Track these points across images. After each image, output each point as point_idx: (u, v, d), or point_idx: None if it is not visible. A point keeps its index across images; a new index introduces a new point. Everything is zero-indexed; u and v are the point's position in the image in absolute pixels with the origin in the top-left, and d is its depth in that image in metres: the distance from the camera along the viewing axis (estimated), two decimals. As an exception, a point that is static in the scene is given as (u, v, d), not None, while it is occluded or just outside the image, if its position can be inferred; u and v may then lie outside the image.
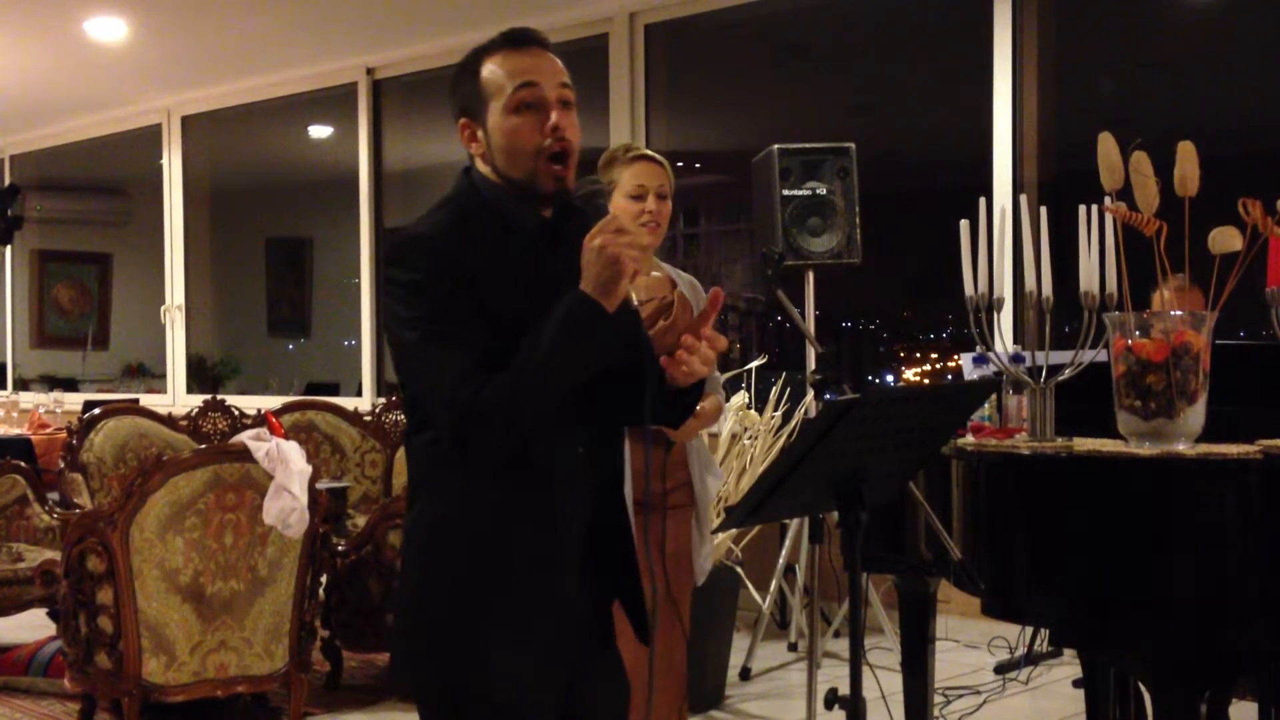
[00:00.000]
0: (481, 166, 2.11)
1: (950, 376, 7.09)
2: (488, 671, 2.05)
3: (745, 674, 5.21)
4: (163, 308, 9.59)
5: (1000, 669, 5.17)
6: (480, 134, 2.09)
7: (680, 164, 7.70)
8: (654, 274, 3.30)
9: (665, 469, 3.20)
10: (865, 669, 2.25)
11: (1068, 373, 2.77)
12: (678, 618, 3.19)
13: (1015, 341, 5.22)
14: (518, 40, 2.07)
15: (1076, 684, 4.75)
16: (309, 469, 4.32)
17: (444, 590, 2.06)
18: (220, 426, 6.55)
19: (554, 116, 2.03)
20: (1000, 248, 2.93)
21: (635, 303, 2.02)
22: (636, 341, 2.07)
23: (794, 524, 5.44)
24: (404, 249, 2.03)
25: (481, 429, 1.95)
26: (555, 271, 2.05)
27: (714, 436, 4.98)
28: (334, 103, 8.53)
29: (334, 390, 8.96)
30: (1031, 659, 5.19)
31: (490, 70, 2.06)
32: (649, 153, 3.23)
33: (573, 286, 2.00)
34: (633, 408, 2.07)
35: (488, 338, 1.98)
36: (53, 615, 5.09)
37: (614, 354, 2.01)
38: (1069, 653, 5.21)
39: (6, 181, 10.63)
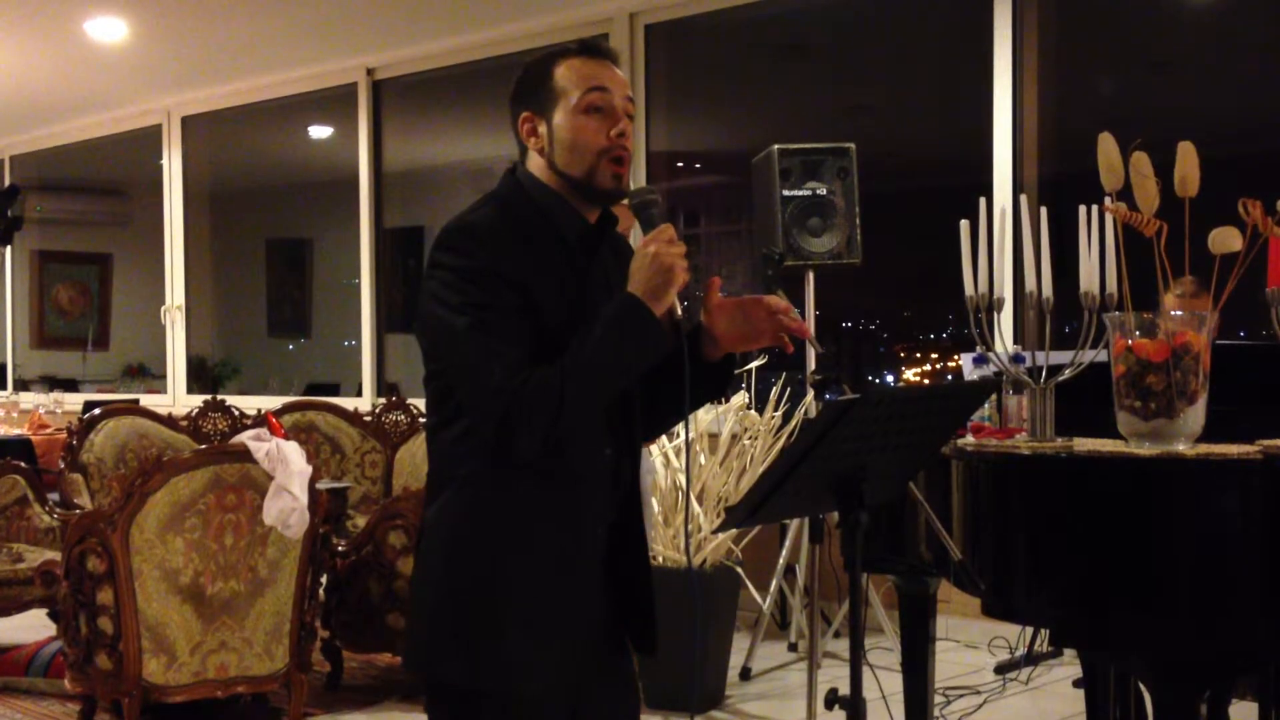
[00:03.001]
0: (534, 162, 2.15)
1: (950, 376, 7.09)
2: (504, 671, 2.06)
3: (745, 674, 5.21)
4: (163, 308, 9.59)
5: (1000, 669, 5.17)
6: (542, 129, 2.13)
7: (680, 164, 7.70)
8: None
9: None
10: (865, 669, 2.25)
11: (1068, 373, 2.77)
12: None
13: (1015, 341, 5.22)
14: (594, 50, 2.16)
15: (1076, 684, 4.75)
16: (309, 469, 4.32)
17: (464, 587, 2.07)
18: (220, 427, 6.55)
19: (620, 122, 2.11)
20: (1000, 248, 2.93)
21: (679, 311, 2.07)
22: (679, 348, 2.10)
23: (794, 524, 5.44)
24: (456, 236, 2.06)
25: (528, 419, 1.97)
26: (589, 276, 2.12)
27: (714, 436, 4.98)
28: (334, 103, 8.53)
29: (334, 391, 8.96)
30: (1031, 659, 5.19)
31: (564, 72, 2.12)
32: None
33: (605, 292, 2.08)
34: (658, 411, 2.18)
35: (532, 334, 2.02)
36: (53, 615, 5.09)
37: (659, 357, 2.06)
38: (1069, 653, 5.21)
39: (6, 181, 10.62)
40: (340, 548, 4.86)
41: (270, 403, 7.37)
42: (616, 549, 2.17)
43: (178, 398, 9.44)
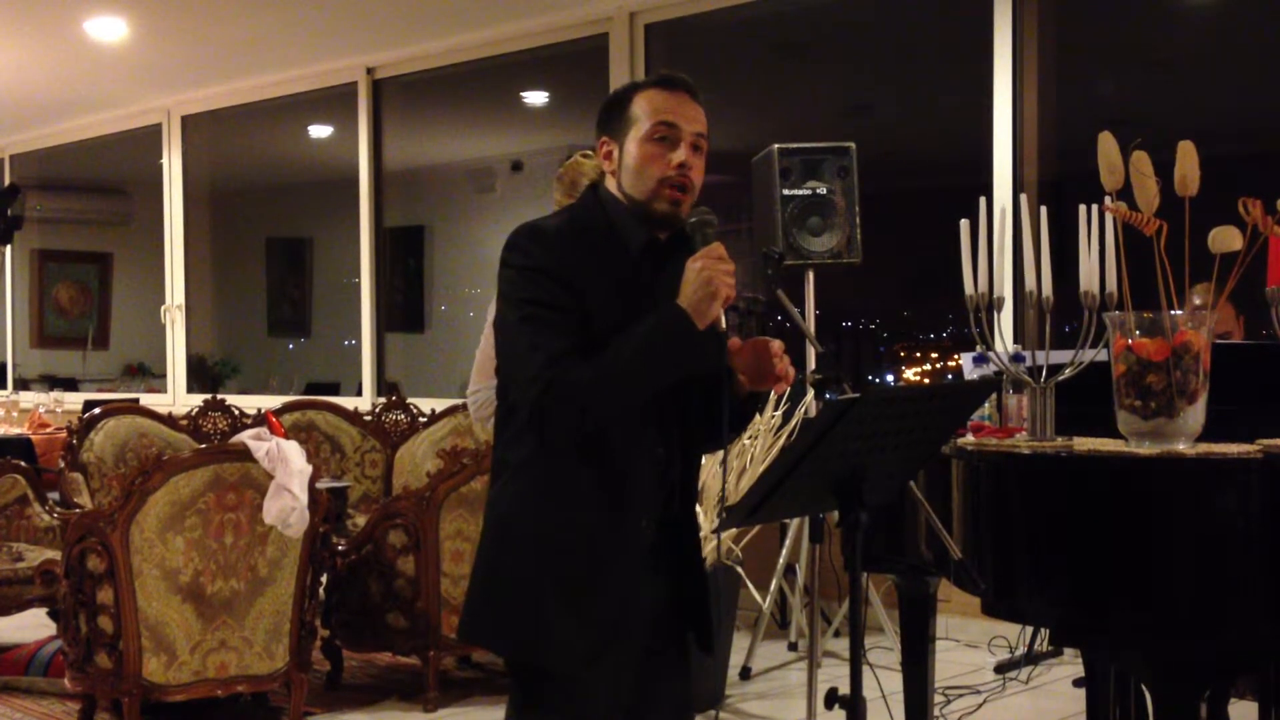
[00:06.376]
0: (609, 182, 2.32)
1: (950, 376, 7.09)
2: (547, 648, 2.18)
3: (745, 673, 5.21)
4: (163, 308, 9.58)
5: (1000, 668, 5.17)
6: (615, 153, 2.30)
7: (680, 163, 7.65)
8: None
9: None
10: (865, 669, 2.25)
11: (1068, 372, 2.77)
12: None
13: (1015, 341, 5.22)
14: (670, 83, 2.32)
15: (1077, 684, 4.75)
16: (309, 468, 4.32)
17: (506, 566, 2.23)
18: (220, 426, 6.55)
19: (682, 152, 2.25)
20: (1000, 247, 2.93)
21: (723, 326, 2.18)
22: (718, 361, 2.23)
23: (794, 524, 5.44)
24: (521, 237, 2.24)
25: (559, 407, 2.13)
26: (652, 289, 2.23)
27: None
28: (334, 103, 8.53)
29: (334, 390, 8.96)
30: (1031, 658, 5.19)
31: (640, 102, 2.29)
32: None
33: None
34: (709, 424, 2.28)
35: (581, 333, 2.15)
36: (53, 615, 5.09)
37: (695, 367, 2.19)
38: (1069, 652, 5.21)
39: (6, 181, 10.62)
40: (340, 547, 4.86)
41: (270, 402, 7.37)
42: (665, 545, 2.27)
43: (178, 397, 9.44)
